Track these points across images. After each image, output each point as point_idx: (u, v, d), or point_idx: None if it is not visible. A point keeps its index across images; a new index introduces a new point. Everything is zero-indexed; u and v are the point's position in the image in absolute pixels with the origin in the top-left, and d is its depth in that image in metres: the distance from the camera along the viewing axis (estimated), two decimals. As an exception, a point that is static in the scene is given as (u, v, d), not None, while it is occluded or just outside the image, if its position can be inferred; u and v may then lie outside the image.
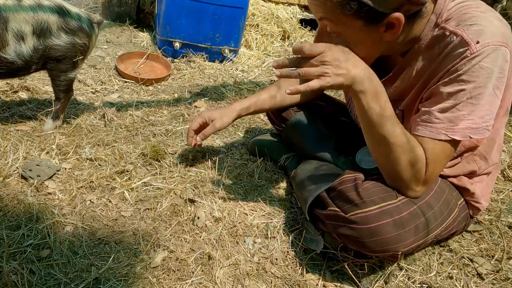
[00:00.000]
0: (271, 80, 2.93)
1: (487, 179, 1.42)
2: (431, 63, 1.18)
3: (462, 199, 1.39)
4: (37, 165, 1.66)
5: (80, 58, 1.84)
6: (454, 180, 1.38)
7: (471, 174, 1.37)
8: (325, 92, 1.93)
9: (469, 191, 1.37)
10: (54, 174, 1.67)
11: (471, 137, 1.14)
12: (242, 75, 2.98)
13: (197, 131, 1.74)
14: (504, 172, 1.94)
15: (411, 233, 1.22)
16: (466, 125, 1.12)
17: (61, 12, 1.73)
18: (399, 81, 1.29)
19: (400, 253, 1.23)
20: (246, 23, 3.25)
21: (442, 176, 1.37)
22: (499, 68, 1.09)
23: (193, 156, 1.92)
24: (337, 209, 1.27)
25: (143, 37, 3.30)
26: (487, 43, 1.07)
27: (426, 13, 1.15)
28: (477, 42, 1.08)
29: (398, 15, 1.07)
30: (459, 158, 1.35)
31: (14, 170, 1.65)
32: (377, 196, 1.23)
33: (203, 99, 2.52)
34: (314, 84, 1.10)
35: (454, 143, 1.17)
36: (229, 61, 3.11)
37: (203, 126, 1.73)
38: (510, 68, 1.16)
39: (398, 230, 1.20)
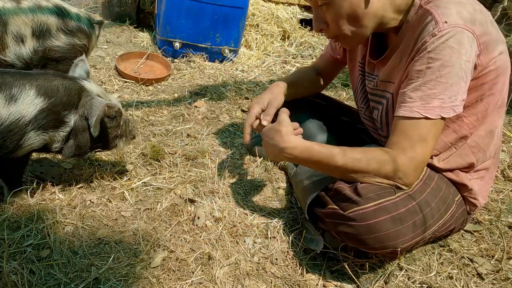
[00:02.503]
0: (271, 80, 2.93)
1: (486, 177, 1.42)
2: (411, 41, 1.25)
3: (459, 195, 1.39)
4: (41, 165, 1.66)
5: None
6: (451, 175, 1.38)
7: (469, 168, 1.38)
8: (325, 92, 1.94)
9: (467, 187, 1.38)
10: (59, 172, 1.67)
11: (442, 116, 1.18)
12: (242, 75, 2.98)
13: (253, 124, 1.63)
14: (504, 172, 1.94)
15: (409, 229, 1.23)
16: (437, 103, 1.17)
17: (61, 13, 1.73)
18: (390, 61, 1.35)
19: (399, 249, 1.23)
20: (246, 23, 3.25)
21: (439, 171, 1.37)
22: (465, 51, 1.14)
23: (193, 156, 1.92)
24: (336, 207, 1.28)
25: (143, 37, 3.30)
26: (454, 24, 1.14)
27: None
28: (445, 22, 1.15)
29: None
30: (453, 148, 1.35)
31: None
32: (375, 193, 1.24)
33: (203, 99, 2.52)
34: None
35: (431, 122, 1.19)
36: (229, 61, 3.11)
37: (258, 117, 1.63)
38: (502, 58, 1.23)
39: (396, 227, 1.21)
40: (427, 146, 1.22)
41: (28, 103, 1.28)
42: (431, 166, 1.37)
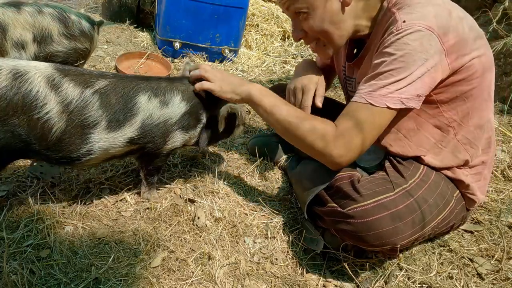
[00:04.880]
0: (271, 80, 2.93)
1: (483, 172, 1.43)
2: (377, 43, 1.29)
3: (458, 191, 1.40)
4: (41, 165, 1.66)
5: (81, 62, 1.83)
6: (448, 172, 1.39)
7: (464, 165, 1.39)
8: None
9: (464, 183, 1.39)
10: (59, 172, 1.67)
11: (388, 106, 1.20)
12: (242, 75, 2.98)
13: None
14: (504, 172, 1.94)
15: (408, 225, 1.24)
16: (383, 92, 1.20)
17: (62, 17, 1.72)
18: (363, 63, 1.41)
19: (398, 246, 1.24)
20: (246, 23, 3.25)
21: (435, 169, 1.38)
22: (422, 48, 1.17)
23: (193, 156, 1.92)
24: (335, 205, 1.29)
25: (143, 37, 3.30)
26: (413, 23, 1.18)
27: None
28: (404, 21, 1.19)
29: None
30: (439, 145, 1.36)
31: (15, 170, 1.65)
32: (374, 190, 1.26)
33: (203, 99, 2.52)
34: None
35: (376, 110, 1.21)
36: (229, 61, 3.11)
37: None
38: (481, 60, 1.25)
39: (395, 223, 1.22)
40: (366, 132, 1.23)
41: (175, 107, 1.47)
42: (427, 165, 1.38)
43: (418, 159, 1.39)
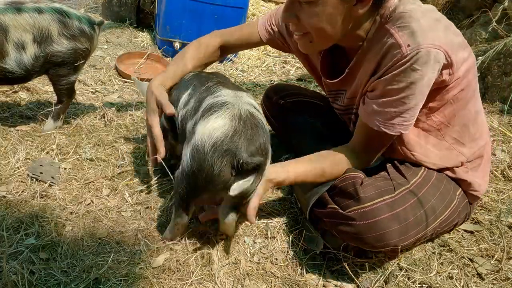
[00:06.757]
0: (271, 81, 2.93)
1: (482, 163, 1.43)
2: (373, 61, 1.25)
3: (460, 189, 1.41)
4: (41, 165, 1.66)
5: (81, 62, 1.83)
6: (448, 172, 1.39)
7: (462, 165, 1.39)
8: (323, 92, 1.93)
9: (466, 182, 1.39)
10: (59, 172, 1.67)
11: (401, 132, 1.24)
12: (242, 75, 2.98)
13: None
14: (504, 172, 1.93)
15: (410, 226, 1.24)
16: (398, 121, 1.22)
17: (62, 17, 1.72)
18: (357, 79, 1.35)
19: (399, 247, 1.24)
20: (246, 23, 3.25)
21: (438, 170, 1.38)
22: (431, 69, 1.15)
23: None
24: (336, 206, 1.29)
25: (143, 37, 3.30)
26: (417, 46, 1.12)
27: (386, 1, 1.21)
28: (408, 45, 1.13)
29: None
30: (433, 150, 1.36)
31: (15, 171, 1.65)
32: (374, 192, 1.25)
33: (203, 99, 2.52)
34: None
35: (390, 136, 1.27)
36: (229, 61, 3.11)
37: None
38: (471, 54, 1.26)
39: (396, 225, 1.22)
40: (374, 148, 1.36)
41: None
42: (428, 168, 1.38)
43: (415, 164, 1.39)
